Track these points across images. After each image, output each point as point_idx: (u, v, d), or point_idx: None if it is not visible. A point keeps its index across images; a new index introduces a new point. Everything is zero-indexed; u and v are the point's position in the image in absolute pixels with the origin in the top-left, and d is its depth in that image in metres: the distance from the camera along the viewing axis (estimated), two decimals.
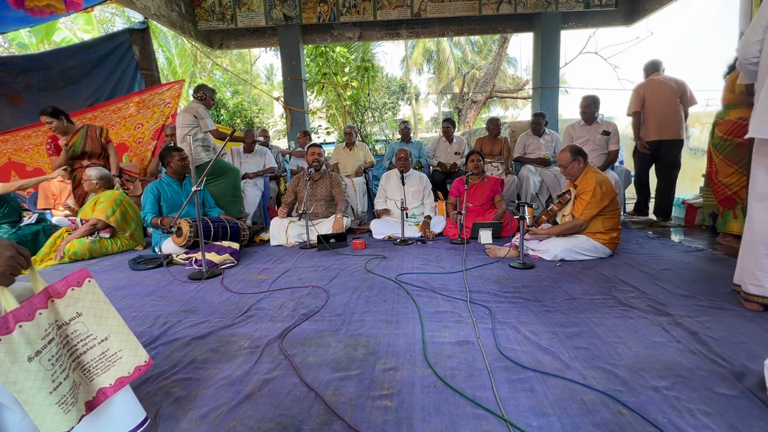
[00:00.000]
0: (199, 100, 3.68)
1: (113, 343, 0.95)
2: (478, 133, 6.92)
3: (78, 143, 3.62)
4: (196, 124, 3.62)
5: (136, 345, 0.98)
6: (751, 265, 1.70)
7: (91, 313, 0.93)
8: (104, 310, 0.95)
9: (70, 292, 0.91)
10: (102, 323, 0.94)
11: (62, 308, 0.89)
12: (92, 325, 0.93)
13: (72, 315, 0.90)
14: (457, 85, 17.18)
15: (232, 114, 10.82)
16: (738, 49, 1.75)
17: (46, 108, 3.51)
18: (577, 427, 1.03)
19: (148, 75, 5.40)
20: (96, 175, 3.36)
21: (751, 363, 1.29)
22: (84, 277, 0.94)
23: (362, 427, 1.06)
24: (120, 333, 0.97)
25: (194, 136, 3.59)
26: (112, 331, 0.95)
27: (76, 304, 0.91)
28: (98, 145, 3.74)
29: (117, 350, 0.95)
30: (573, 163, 2.72)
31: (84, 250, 3.12)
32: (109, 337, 0.95)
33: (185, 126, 3.61)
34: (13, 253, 0.83)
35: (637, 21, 5.90)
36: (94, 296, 0.94)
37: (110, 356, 0.95)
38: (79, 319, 0.91)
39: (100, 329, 0.94)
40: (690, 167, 5.95)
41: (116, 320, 0.97)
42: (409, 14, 5.70)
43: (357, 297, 2.06)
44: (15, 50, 10.45)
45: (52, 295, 0.88)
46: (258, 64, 23.29)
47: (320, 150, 3.68)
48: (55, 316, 0.88)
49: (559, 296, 1.98)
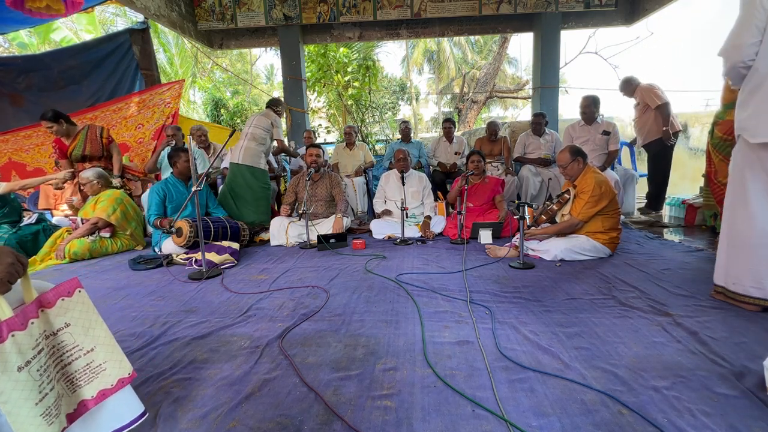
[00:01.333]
0: (275, 112, 3.87)
1: (99, 354, 0.95)
2: (478, 133, 6.92)
3: (78, 146, 3.63)
4: (270, 131, 3.75)
5: (121, 357, 0.98)
6: (749, 267, 1.68)
7: (80, 324, 0.92)
8: (92, 321, 0.95)
9: (60, 302, 0.90)
10: (89, 334, 0.94)
11: (52, 318, 0.89)
12: (79, 335, 0.92)
13: (60, 325, 0.90)
14: (457, 85, 17.19)
15: (232, 114, 10.83)
16: (728, 52, 1.68)
17: (46, 112, 3.52)
18: (577, 427, 1.03)
19: (148, 75, 5.40)
20: (93, 174, 3.35)
21: (751, 363, 1.29)
22: (75, 287, 0.93)
23: (362, 427, 1.06)
24: (106, 344, 0.96)
25: (258, 139, 3.68)
26: (98, 342, 0.95)
27: (65, 315, 0.90)
28: (99, 146, 3.73)
29: (102, 362, 0.95)
30: (572, 164, 2.72)
31: (84, 249, 3.12)
32: (95, 348, 0.94)
33: (258, 127, 3.69)
34: (13, 260, 0.83)
35: (637, 21, 5.90)
36: (83, 306, 0.93)
37: (94, 368, 0.94)
38: (67, 330, 0.91)
39: (87, 340, 0.93)
40: (690, 167, 5.94)
41: (103, 331, 0.96)
42: (409, 14, 5.70)
43: (357, 297, 2.06)
44: (15, 50, 10.45)
45: (43, 305, 0.88)
46: (258, 64, 23.32)
47: (318, 151, 3.67)
48: (45, 325, 0.87)
49: (559, 296, 1.98)
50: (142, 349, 1.56)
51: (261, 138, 3.68)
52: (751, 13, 1.58)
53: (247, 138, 3.65)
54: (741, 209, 1.71)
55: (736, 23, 1.64)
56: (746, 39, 1.61)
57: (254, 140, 3.64)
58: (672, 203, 4.04)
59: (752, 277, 1.69)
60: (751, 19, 1.58)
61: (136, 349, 1.55)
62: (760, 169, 1.66)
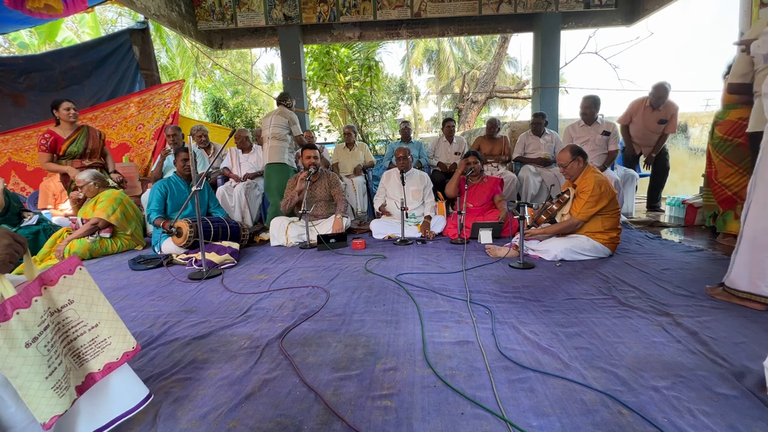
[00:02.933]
0: (287, 107, 4.03)
1: (103, 330, 0.97)
2: (478, 133, 6.92)
3: (78, 143, 3.62)
4: (288, 128, 3.96)
5: (125, 331, 1.01)
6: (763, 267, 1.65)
7: (83, 301, 0.95)
8: (95, 298, 0.97)
9: (63, 280, 0.92)
10: (93, 310, 0.96)
11: (55, 295, 0.91)
12: (83, 312, 0.95)
13: (64, 302, 0.92)
14: (457, 85, 17.19)
15: (232, 114, 10.83)
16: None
17: (59, 98, 3.58)
18: (577, 427, 1.03)
19: (148, 75, 5.41)
20: (89, 176, 3.33)
21: (751, 363, 1.29)
22: (75, 264, 0.95)
23: (362, 427, 1.06)
24: (109, 320, 0.99)
25: (279, 137, 3.92)
26: (102, 318, 0.98)
27: (68, 292, 0.93)
28: (99, 145, 3.75)
29: (106, 337, 0.98)
30: (573, 163, 2.72)
31: (84, 250, 3.12)
32: (99, 323, 0.97)
33: (277, 126, 3.91)
34: (10, 241, 0.85)
35: (637, 21, 5.90)
36: (85, 284, 0.96)
37: (99, 342, 0.97)
38: (71, 306, 0.93)
39: (91, 316, 0.96)
40: (690, 167, 5.94)
41: (106, 307, 0.99)
42: (409, 14, 5.70)
43: (357, 297, 2.06)
44: (16, 50, 10.46)
45: (45, 282, 0.90)
46: (258, 64, 23.32)
47: (316, 152, 3.63)
48: (49, 303, 0.90)
49: (559, 296, 1.98)
50: (142, 349, 1.56)
51: (282, 135, 3.94)
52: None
53: (270, 139, 3.94)
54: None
55: None
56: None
57: (276, 139, 3.93)
58: (672, 203, 4.04)
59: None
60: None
61: None
62: None
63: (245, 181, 4.28)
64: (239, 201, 4.14)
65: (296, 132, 4.00)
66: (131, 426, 1.10)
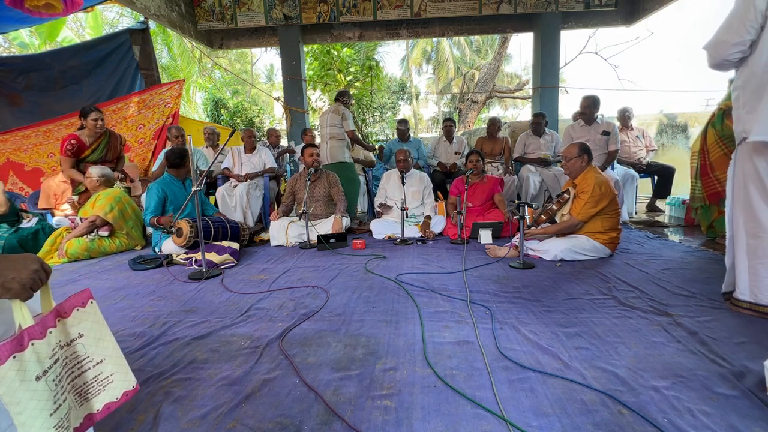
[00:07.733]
0: (344, 104, 4.05)
1: (107, 366, 0.94)
2: (478, 133, 6.92)
3: (100, 150, 3.66)
4: (341, 125, 3.97)
5: (126, 369, 0.98)
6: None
7: (91, 335, 0.92)
8: (103, 333, 0.94)
9: (76, 313, 0.90)
10: (100, 345, 0.94)
11: (68, 328, 0.88)
12: (91, 347, 0.92)
13: (74, 335, 0.90)
14: (456, 85, 17.19)
15: (232, 114, 10.83)
16: (711, 49, 1.63)
17: (91, 106, 3.61)
18: (577, 427, 1.03)
19: (148, 75, 5.40)
20: (98, 173, 3.38)
21: (751, 363, 1.29)
22: (88, 298, 0.93)
23: (362, 427, 1.06)
24: (114, 356, 0.96)
25: (338, 136, 3.97)
26: (107, 354, 0.95)
27: (79, 325, 0.90)
28: (117, 153, 3.83)
29: (109, 374, 0.95)
30: (577, 159, 2.71)
31: (81, 249, 3.12)
32: (104, 359, 0.94)
33: (334, 126, 3.96)
34: (38, 267, 0.81)
35: (637, 21, 5.90)
36: (95, 318, 0.94)
37: (102, 380, 0.94)
38: (80, 341, 0.90)
39: (98, 351, 0.93)
40: (689, 167, 5.93)
41: (111, 344, 0.96)
42: (409, 14, 5.71)
43: (357, 297, 2.06)
44: (15, 50, 10.45)
45: (60, 314, 0.87)
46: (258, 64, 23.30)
47: (317, 150, 3.67)
48: (61, 335, 0.87)
49: (559, 296, 1.98)
50: (142, 349, 1.56)
51: (340, 135, 4.01)
52: (741, 13, 1.53)
53: (328, 139, 4.01)
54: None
55: (725, 19, 1.60)
56: (731, 38, 1.56)
57: (334, 139, 4.00)
58: (672, 203, 4.04)
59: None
60: (741, 19, 1.53)
61: (136, 349, 1.55)
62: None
63: (246, 182, 4.28)
64: (240, 201, 4.14)
65: (347, 127, 4.02)
66: (131, 426, 1.10)
